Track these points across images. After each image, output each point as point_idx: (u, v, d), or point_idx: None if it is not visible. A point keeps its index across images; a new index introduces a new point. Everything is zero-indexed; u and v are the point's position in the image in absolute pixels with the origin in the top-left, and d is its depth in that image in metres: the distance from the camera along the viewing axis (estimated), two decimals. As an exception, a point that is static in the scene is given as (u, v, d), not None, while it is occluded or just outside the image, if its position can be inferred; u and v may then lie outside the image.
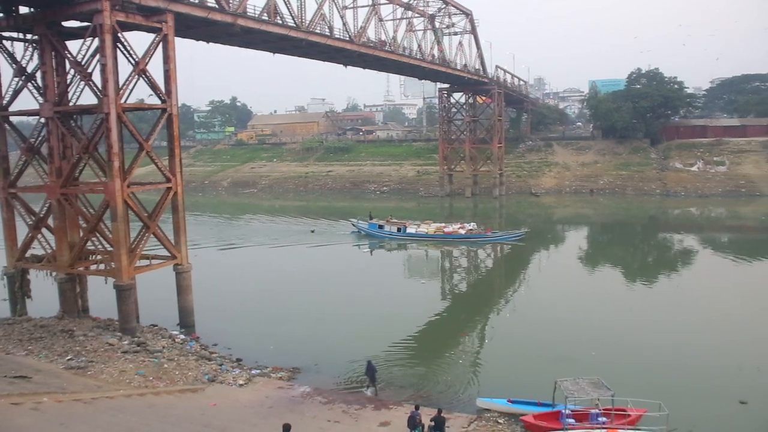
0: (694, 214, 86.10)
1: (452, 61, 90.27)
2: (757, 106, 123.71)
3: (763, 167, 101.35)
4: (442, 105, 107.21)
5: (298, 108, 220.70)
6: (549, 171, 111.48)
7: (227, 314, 38.27)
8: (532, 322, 37.25)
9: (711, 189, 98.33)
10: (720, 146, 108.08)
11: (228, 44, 51.66)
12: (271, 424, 22.57)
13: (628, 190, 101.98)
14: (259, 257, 58.20)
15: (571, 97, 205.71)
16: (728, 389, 26.05)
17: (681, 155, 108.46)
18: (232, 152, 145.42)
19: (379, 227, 65.72)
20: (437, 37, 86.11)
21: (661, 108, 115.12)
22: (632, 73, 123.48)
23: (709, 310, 38.39)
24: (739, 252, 59.17)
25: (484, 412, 24.01)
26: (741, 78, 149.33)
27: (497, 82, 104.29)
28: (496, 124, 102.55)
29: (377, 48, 68.04)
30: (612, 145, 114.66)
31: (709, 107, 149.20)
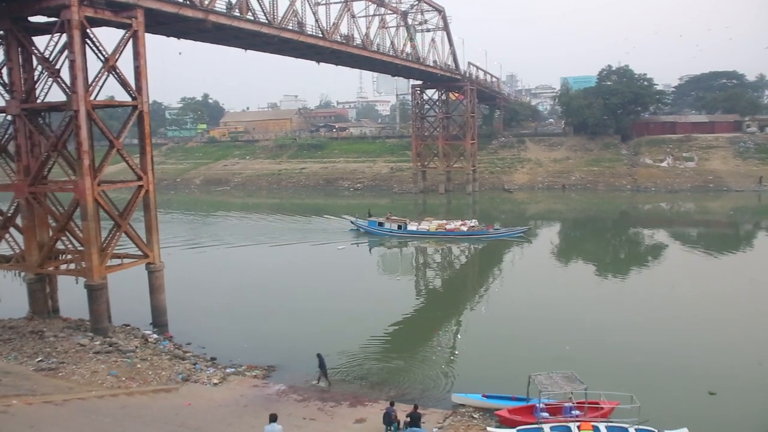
0: (665, 209, 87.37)
1: (425, 58, 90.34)
2: (724, 102, 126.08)
3: (730, 163, 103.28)
4: (415, 102, 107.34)
5: (270, 105, 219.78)
6: (521, 167, 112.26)
7: (201, 313, 37.95)
8: (506, 318, 37.51)
9: (680, 184, 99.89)
10: (689, 142, 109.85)
11: (199, 40, 51.20)
12: (246, 422, 22.49)
13: (600, 185, 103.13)
14: (234, 256, 57.68)
15: (543, 93, 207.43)
16: (698, 381, 26.52)
17: (651, 151, 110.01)
18: (204, 150, 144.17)
19: (379, 225, 65.19)
20: (410, 33, 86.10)
21: (632, 104, 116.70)
22: (603, 70, 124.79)
23: (679, 303, 38.94)
24: (708, 246, 60.21)
25: (460, 407, 24.10)
26: (709, 75, 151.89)
27: (470, 79, 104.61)
28: (468, 120, 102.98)
29: (350, 45, 67.86)
30: (583, 141, 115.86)
31: (678, 104, 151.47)
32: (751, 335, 32.82)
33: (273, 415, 19.46)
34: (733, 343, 31.64)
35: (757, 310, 37.11)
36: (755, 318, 35.71)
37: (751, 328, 33.91)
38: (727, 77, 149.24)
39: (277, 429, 19.07)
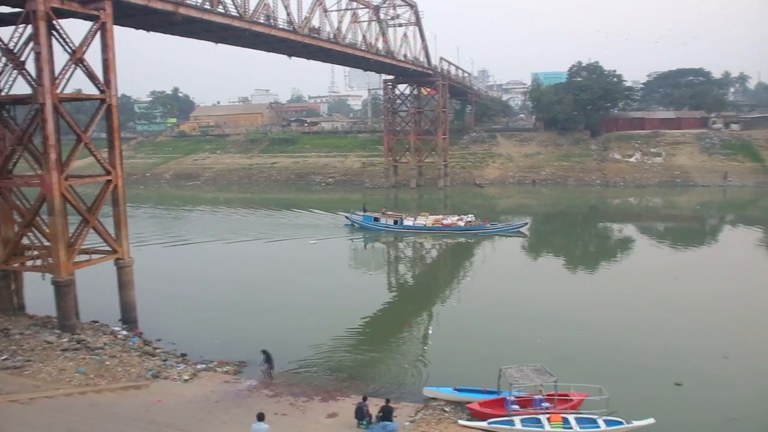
0: (633, 204, 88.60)
1: (397, 53, 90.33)
2: (691, 99, 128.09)
3: (696, 158, 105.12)
4: (387, 96, 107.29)
5: (241, 99, 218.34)
6: (493, 162, 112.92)
7: (172, 309, 37.63)
8: (477, 312, 37.67)
9: (648, 179, 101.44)
10: (656, 138, 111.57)
11: (169, 33, 50.57)
12: (217, 418, 22.38)
13: (570, 180, 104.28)
14: (206, 252, 57.19)
15: (514, 89, 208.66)
16: (664, 372, 26.97)
17: (620, 146, 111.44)
18: (174, 144, 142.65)
19: (374, 220, 64.65)
20: (382, 28, 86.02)
21: (601, 100, 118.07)
22: (573, 67, 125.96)
23: (646, 297, 39.47)
24: (675, 241, 61.31)
25: (431, 401, 24.21)
26: (676, 72, 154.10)
27: (442, 74, 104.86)
28: (440, 115, 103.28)
29: (322, 39, 67.58)
30: (554, 136, 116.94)
31: (646, 100, 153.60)
32: (715, 328, 33.52)
33: (260, 414, 19.66)
34: (699, 335, 32.29)
35: (722, 304, 37.87)
36: (720, 311, 36.45)
37: (715, 321, 34.65)
38: (693, 74, 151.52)
39: (264, 428, 19.15)
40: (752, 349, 30.19)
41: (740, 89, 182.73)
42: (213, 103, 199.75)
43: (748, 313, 35.85)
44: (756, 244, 59.49)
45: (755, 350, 30.03)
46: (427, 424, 22.11)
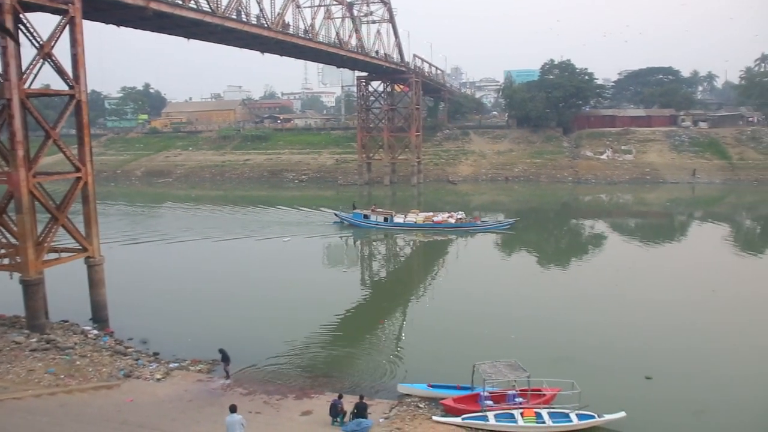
0: (604, 201, 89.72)
1: (370, 50, 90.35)
2: (661, 97, 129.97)
3: (666, 156, 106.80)
4: (361, 93, 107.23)
5: (214, 95, 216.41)
6: (466, 159, 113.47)
7: (143, 308, 37.19)
8: (451, 309, 37.81)
9: (619, 176, 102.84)
10: (627, 135, 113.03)
11: (140, 28, 50.05)
12: (191, 417, 22.24)
13: (542, 177, 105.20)
14: (178, 250, 56.60)
15: (487, 86, 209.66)
16: (635, 366, 27.37)
17: (591, 144, 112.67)
18: (145, 141, 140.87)
19: (364, 217, 64.19)
20: (355, 25, 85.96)
21: (573, 98, 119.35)
22: (545, 64, 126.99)
23: (617, 293, 40.01)
24: (646, 236, 62.27)
25: (405, 398, 24.31)
26: (646, 70, 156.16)
27: (415, 71, 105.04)
28: (413, 112, 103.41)
29: (295, 35, 67.30)
30: (526, 133, 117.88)
31: (617, 98, 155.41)
32: (684, 321, 34.01)
33: (233, 406, 19.81)
34: (668, 329, 32.70)
35: (691, 298, 38.55)
36: (689, 305, 37.09)
37: (684, 315, 35.17)
38: (663, 73, 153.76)
39: (237, 418, 19.22)
40: (719, 343, 30.78)
41: (708, 88, 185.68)
42: (185, 100, 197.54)
43: (716, 308, 36.56)
44: (724, 240, 60.56)
45: (722, 344, 30.61)
46: (401, 420, 22.17)
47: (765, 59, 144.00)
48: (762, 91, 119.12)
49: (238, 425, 19.13)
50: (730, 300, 38.27)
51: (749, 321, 34.05)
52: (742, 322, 33.93)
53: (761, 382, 26.17)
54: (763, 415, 23.27)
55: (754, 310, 36.01)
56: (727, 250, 55.87)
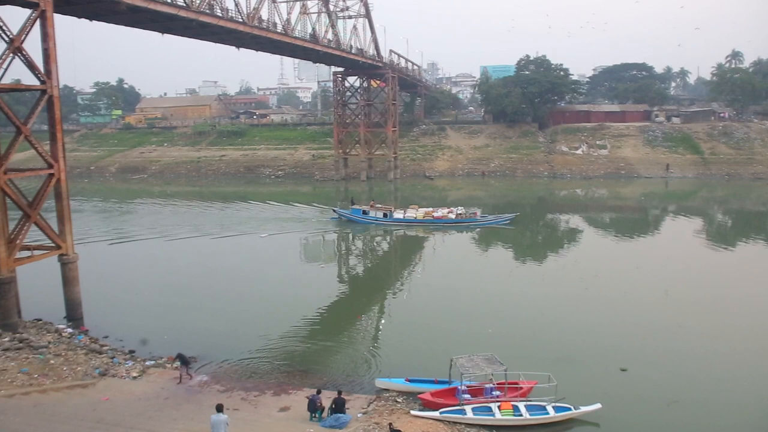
0: (580, 195, 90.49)
1: (347, 45, 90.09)
2: (635, 93, 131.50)
3: (640, 150, 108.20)
4: (337, 89, 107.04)
5: (189, 91, 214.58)
6: (442, 154, 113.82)
7: (119, 306, 36.89)
8: (428, 303, 38.00)
9: (594, 171, 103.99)
10: (602, 131, 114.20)
11: (113, 23, 49.49)
12: (168, 415, 22.10)
13: (518, 172, 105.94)
14: (153, 247, 56.03)
15: (463, 82, 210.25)
16: (610, 359, 27.72)
17: (567, 139, 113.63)
18: (119, 136, 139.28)
19: (363, 213, 63.80)
20: (331, 20, 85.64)
21: (549, 93, 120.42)
22: (521, 60, 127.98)
23: (591, 286, 40.44)
24: (621, 230, 63.07)
25: (383, 392, 24.41)
26: (620, 66, 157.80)
27: (391, 67, 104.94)
28: (390, 108, 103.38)
29: (271, 30, 66.92)
30: (502, 129, 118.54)
31: (592, 93, 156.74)
32: (658, 313, 34.42)
33: (219, 405, 19.62)
34: (642, 321, 33.11)
35: (664, 290, 39.07)
36: (662, 297, 37.57)
37: (658, 307, 35.62)
38: (637, 69, 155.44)
39: (223, 418, 19.11)
40: (692, 335, 31.22)
41: (681, 84, 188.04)
42: (159, 95, 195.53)
43: (688, 302, 37.04)
44: (697, 234, 61.46)
45: (695, 336, 31.06)
46: (379, 415, 22.22)
47: (736, 56, 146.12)
48: (733, 88, 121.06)
49: (223, 425, 18.98)
50: (702, 294, 38.87)
51: (721, 314, 34.62)
52: (713, 315, 34.50)
53: (732, 373, 26.59)
54: (734, 404, 23.65)
55: (726, 304, 36.58)
56: (699, 244, 56.66)
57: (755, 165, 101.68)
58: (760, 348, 29.37)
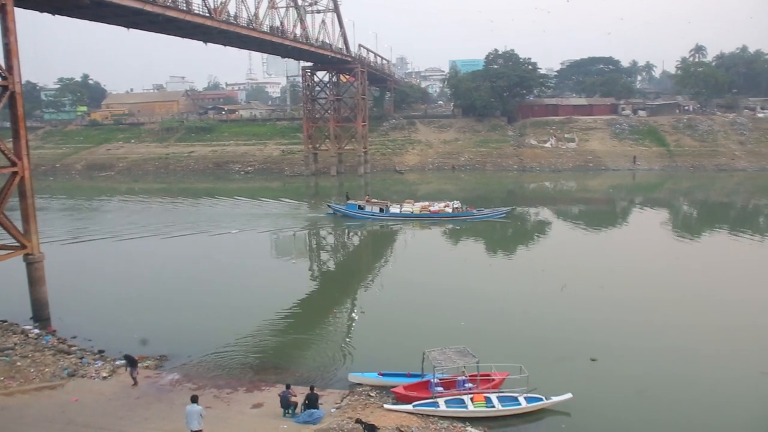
0: (549, 188, 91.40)
1: (315, 40, 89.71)
2: (602, 86, 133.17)
3: (607, 143, 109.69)
4: (306, 84, 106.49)
5: (156, 86, 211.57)
6: (412, 148, 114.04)
7: (87, 306, 36.34)
8: (401, 297, 38.14)
9: (563, 164, 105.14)
10: (570, 124, 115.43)
11: (77, 17, 48.59)
12: (139, 414, 21.87)
13: (488, 166, 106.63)
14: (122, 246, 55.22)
15: (432, 76, 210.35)
16: (580, 349, 28.01)
17: (535, 132, 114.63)
18: (85, 133, 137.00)
19: (359, 208, 63.14)
20: (300, 14, 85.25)
21: (517, 87, 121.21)
22: (490, 54, 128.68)
23: (561, 277, 40.70)
24: (590, 222, 63.82)
25: (356, 387, 24.45)
26: (588, 60, 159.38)
27: (360, 61, 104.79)
28: (359, 102, 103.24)
29: (239, 25, 66.33)
30: (472, 122, 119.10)
31: (560, 87, 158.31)
32: (626, 304, 34.91)
33: (194, 396, 19.73)
34: (611, 311, 33.60)
35: (632, 281, 39.68)
36: (631, 288, 38.10)
37: (627, 298, 36.08)
38: (604, 63, 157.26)
39: (197, 409, 19.15)
40: (659, 324, 31.71)
41: (646, 77, 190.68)
42: (126, 91, 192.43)
43: (655, 291, 37.66)
44: (663, 224, 62.56)
45: (662, 325, 31.54)
46: (353, 409, 22.23)
47: (699, 50, 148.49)
48: (696, 81, 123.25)
49: (197, 415, 19.08)
50: (669, 285, 39.52)
51: (687, 305, 35.24)
52: (680, 306, 35.04)
53: (699, 362, 27.12)
54: (700, 392, 24.11)
55: (693, 295, 37.31)
56: (667, 235, 57.54)
57: (718, 157, 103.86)
58: (725, 338, 29.95)
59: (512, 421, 22.21)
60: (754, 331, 30.80)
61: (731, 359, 27.25)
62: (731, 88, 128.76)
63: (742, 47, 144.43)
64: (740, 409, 22.97)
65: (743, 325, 31.47)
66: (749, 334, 30.30)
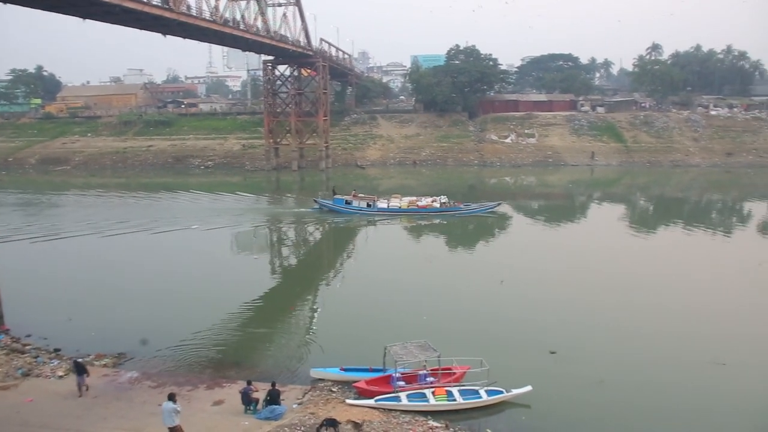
0: (509, 183, 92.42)
1: (276, 33, 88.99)
2: (561, 83, 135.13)
3: (566, 139, 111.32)
4: (267, 77, 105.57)
5: (113, 79, 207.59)
6: (374, 143, 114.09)
7: (42, 304, 35.47)
8: (362, 292, 38.16)
9: (523, 159, 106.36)
10: (530, 120, 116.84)
11: (28, 6, 47.29)
12: (97, 414, 21.52)
13: (449, 161, 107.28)
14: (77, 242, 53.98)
15: (394, 71, 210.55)
16: (540, 342, 28.38)
17: (496, 128, 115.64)
18: (39, 126, 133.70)
19: (346, 203, 62.59)
20: (261, 7, 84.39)
21: (478, 83, 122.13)
22: (451, 50, 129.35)
23: (521, 271, 41.35)
24: (550, 216, 64.70)
25: (318, 382, 24.44)
26: (547, 57, 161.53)
27: (322, 55, 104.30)
28: (321, 97, 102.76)
29: (198, 17, 65.43)
30: (433, 118, 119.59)
31: (520, 83, 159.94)
32: (584, 297, 35.54)
33: (171, 394, 19.69)
34: (569, 305, 34.12)
35: (590, 276, 40.44)
36: (589, 282, 38.83)
37: (584, 291, 36.80)
38: (563, 59, 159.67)
39: (172, 406, 19.10)
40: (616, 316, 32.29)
41: (605, 74, 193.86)
42: (82, 83, 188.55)
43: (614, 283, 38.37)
44: (621, 219, 63.81)
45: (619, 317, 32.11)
46: (315, 405, 22.24)
47: (655, 48, 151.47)
48: (653, 79, 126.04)
49: (171, 413, 19.03)
50: (625, 277, 40.35)
51: (643, 296, 35.93)
52: (636, 297, 35.71)
53: (654, 352, 27.67)
54: (656, 382, 24.64)
55: (648, 286, 38.07)
56: (623, 229, 58.60)
57: (674, 153, 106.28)
58: (680, 328, 30.66)
59: (473, 414, 22.43)
60: (709, 320, 31.71)
61: (686, 349, 27.95)
62: (686, 86, 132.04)
63: (696, 46, 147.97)
64: (695, 397, 23.58)
65: (698, 316, 32.36)
66: (704, 324, 31.21)
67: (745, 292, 36.66)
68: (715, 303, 34.68)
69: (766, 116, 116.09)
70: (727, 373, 25.46)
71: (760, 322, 31.48)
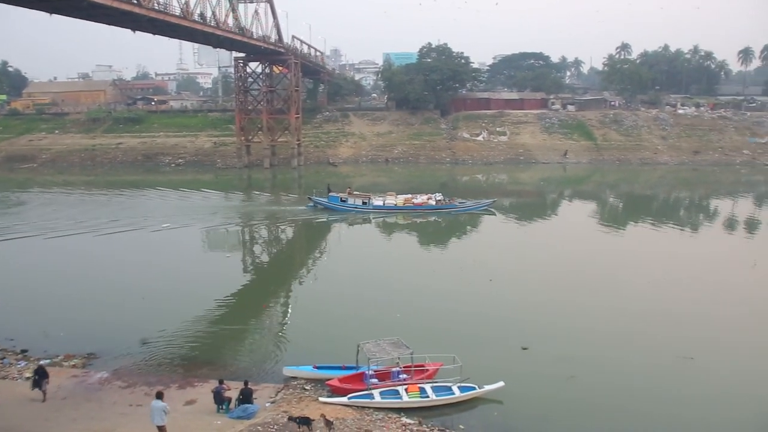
0: (481, 181, 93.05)
1: (248, 30, 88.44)
2: (532, 81, 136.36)
3: (537, 137, 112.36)
4: (238, 75, 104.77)
5: (81, 75, 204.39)
6: (346, 141, 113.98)
7: (8, 304, 35.01)
8: (335, 290, 37.96)
9: (495, 157, 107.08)
10: (502, 118, 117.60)
11: (-5, 2, 46.46)
12: (66, 415, 21.21)
13: (421, 158, 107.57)
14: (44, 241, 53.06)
15: (366, 68, 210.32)
16: (511, 338, 28.69)
17: (468, 126, 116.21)
18: (4, 123, 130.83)
19: (341, 201, 62.19)
20: (232, 4, 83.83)
21: (450, 81, 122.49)
22: (423, 48, 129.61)
23: (491, 269, 41.49)
24: (522, 214, 65.02)
25: (291, 380, 24.39)
26: (519, 55, 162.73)
27: (294, 52, 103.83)
28: (293, 94, 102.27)
29: (169, 13, 64.73)
30: (405, 115, 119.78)
31: (492, 81, 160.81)
32: (555, 294, 35.81)
33: (159, 392, 19.74)
34: (540, 302, 34.45)
35: (561, 272, 40.77)
36: (560, 279, 39.14)
37: (556, 288, 37.07)
38: (535, 58, 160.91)
39: (160, 405, 19.06)
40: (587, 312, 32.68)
41: (575, 73, 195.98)
42: (49, 79, 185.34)
43: (586, 281, 38.88)
44: (592, 215, 64.53)
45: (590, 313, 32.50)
46: (288, 403, 22.18)
47: (625, 48, 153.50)
48: (622, 78, 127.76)
49: (161, 411, 18.98)
50: (595, 272, 40.98)
51: (614, 294, 36.42)
52: (607, 295, 36.27)
53: (623, 348, 28.09)
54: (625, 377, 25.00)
55: (619, 284, 38.59)
56: (593, 226, 59.30)
57: (642, 151, 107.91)
58: (648, 323, 31.11)
59: (446, 410, 22.53)
60: (675, 316, 32.17)
61: (654, 344, 28.40)
62: (654, 85, 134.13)
63: (664, 46, 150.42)
64: (662, 391, 23.91)
65: (665, 311, 32.80)
66: (670, 319, 31.64)
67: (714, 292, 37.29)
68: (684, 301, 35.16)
69: (731, 115, 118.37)
70: (695, 367, 25.97)
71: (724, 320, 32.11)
